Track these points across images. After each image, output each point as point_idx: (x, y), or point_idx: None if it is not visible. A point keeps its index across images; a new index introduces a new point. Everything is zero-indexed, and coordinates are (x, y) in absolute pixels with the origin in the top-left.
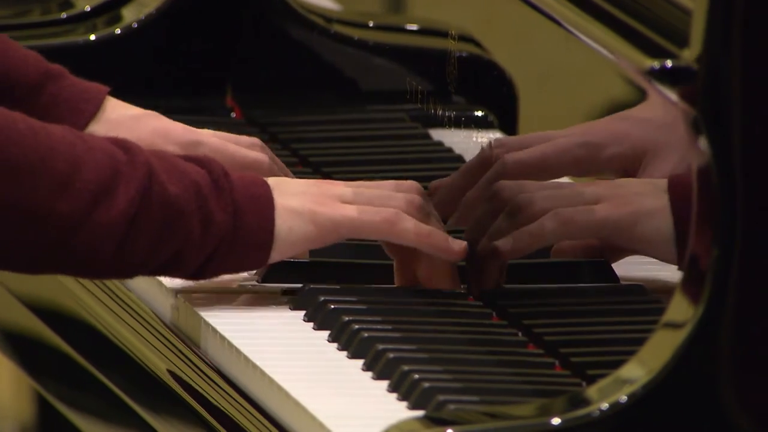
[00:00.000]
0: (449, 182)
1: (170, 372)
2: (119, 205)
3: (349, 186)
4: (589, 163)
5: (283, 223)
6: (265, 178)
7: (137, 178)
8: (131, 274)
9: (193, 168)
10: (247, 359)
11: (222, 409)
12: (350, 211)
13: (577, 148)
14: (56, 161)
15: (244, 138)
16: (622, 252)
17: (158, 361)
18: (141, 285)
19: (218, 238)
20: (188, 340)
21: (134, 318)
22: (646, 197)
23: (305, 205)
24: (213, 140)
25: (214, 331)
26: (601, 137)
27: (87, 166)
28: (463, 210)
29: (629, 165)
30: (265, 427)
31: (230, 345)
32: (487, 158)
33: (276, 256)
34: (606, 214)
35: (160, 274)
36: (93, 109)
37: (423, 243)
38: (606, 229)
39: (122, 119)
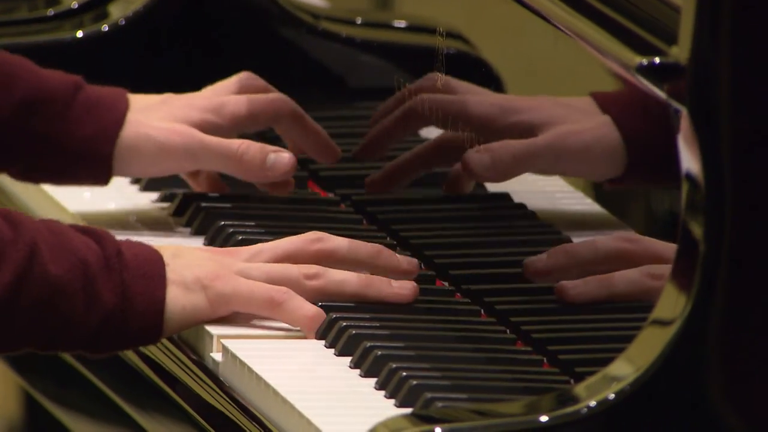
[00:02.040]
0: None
1: (156, 368)
2: None
3: (253, 257)
4: (495, 122)
5: (175, 302)
6: (163, 252)
7: (16, 260)
8: (8, 350)
9: (86, 244)
10: (234, 356)
11: (207, 404)
12: (242, 286)
13: (489, 105)
14: None
15: (230, 81)
16: None
17: (145, 358)
18: None
19: (103, 318)
20: (176, 337)
21: None
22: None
23: (199, 279)
24: (234, 99)
25: (202, 329)
26: (517, 104)
27: None
28: (375, 135)
29: (533, 133)
30: (252, 423)
31: (217, 341)
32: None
33: (169, 332)
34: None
35: (49, 350)
36: (124, 107)
37: (303, 326)
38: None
39: (152, 104)
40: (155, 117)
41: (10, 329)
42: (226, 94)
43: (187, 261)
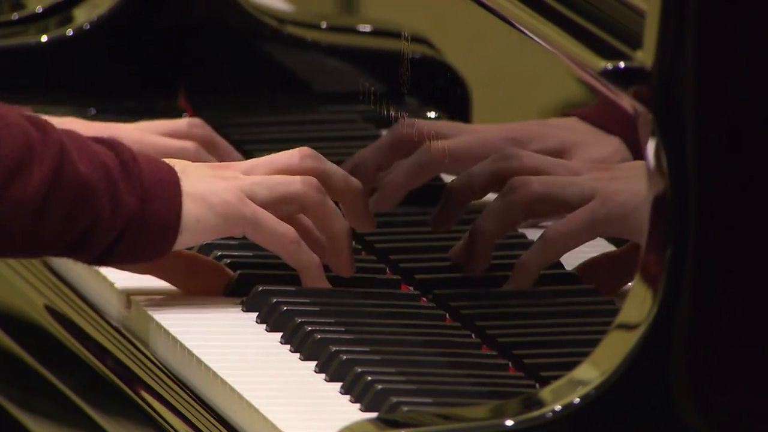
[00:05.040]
0: (364, 159)
1: (120, 373)
2: (34, 182)
3: (249, 170)
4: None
5: (190, 211)
6: (172, 164)
7: (50, 156)
8: (40, 253)
9: (103, 150)
10: (199, 361)
11: (175, 410)
12: (259, 212)
13: (502, 141)
14: None
15: (181, 121)
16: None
17: (108, 362)
18: (93, 286)
19: (126, 220)
20: (140, 341)
21: (86, 319)
22: (633, 183)
23: (215, 194)
24: (133, 134)
25: (167, 333)
26: (526, 134)
27: (3, 141)
28: (387, 193)
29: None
30: (217, 428)
31: (182, 347)
32: (402, 138)
33: (181, 243)
34: (593, 214)
35: (67, 256)
36: None
37: (303, 271)
38: (597, 229)
39: None
40: None
41: (46, 227)
42: (152, 132)
43: (196, 176)
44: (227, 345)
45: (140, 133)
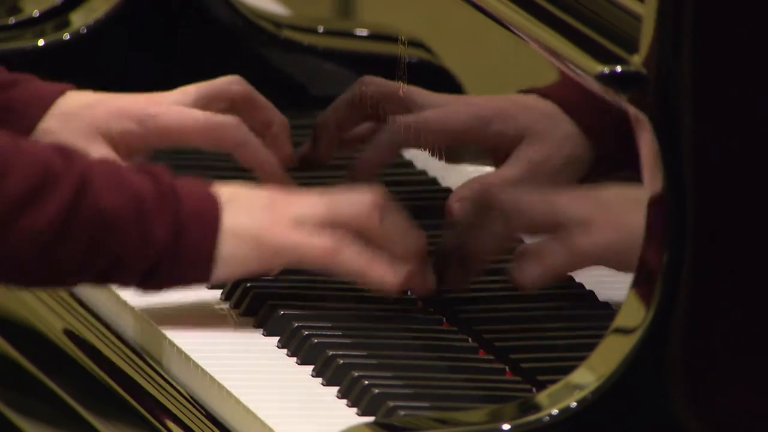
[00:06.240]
0: (325, 119)
1: (119, 378)
2: (47, 214)
3: (312, 201)
4: (473, 134)
5: (225, 247)
6: (221, 191)
7: (66, 192)
8: (65, 283)
9: (141, 180)
10: (195, 364)
11: (169, 412)
12: (296, 237)
13: (465, 116)
14: None
15: (222, 80)
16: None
17: (106, 367)
18: (106, 303)
19: (158, 254)
20: (138, 347)
21: (84, 325)
22: (634, 213)
23: (252, 229)
24: (171, 111)
25: (163, 335)
26: (490, 113)
27: (16, 172)
28: (360, 171)
29: (507, 145)
30: (212, 430)
31: (179, 350)
32: (357, 96)
33: (217, 277)
34: (606, 241)
35: (103, 284)
36: (38, 112)
37: (362, 275)
38: (608, 257)
39: (74, 109)
40: (72, 127)
41: (63, 262)
42: (192, 97)
43: (243, 206)
44: (220, 345)
45: (179, 110)
